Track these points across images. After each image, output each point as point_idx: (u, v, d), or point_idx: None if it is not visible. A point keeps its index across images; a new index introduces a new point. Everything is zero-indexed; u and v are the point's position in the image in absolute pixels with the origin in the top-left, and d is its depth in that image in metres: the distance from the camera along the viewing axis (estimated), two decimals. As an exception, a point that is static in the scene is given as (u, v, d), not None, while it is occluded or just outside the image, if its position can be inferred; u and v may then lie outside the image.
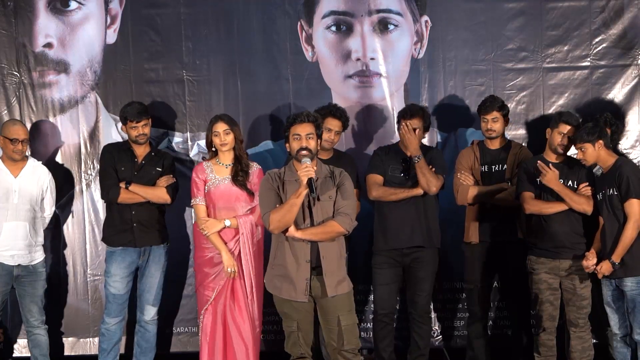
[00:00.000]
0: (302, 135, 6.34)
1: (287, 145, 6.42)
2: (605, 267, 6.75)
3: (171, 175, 7.44)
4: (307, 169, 6.20)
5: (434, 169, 7.28)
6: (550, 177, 6.91)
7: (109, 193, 7.38)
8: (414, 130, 7.27)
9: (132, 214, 7.38)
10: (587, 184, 6.94)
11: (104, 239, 7.54)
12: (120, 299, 7.44)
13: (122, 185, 7.31)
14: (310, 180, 6.19)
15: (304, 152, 6.30)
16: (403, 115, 7.38)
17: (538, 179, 7.00)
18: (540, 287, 7.06)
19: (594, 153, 6.80)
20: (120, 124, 7.65)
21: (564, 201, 6.93)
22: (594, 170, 7.06)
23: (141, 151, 7.44)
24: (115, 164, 7.39)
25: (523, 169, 7.13)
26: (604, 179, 6.84)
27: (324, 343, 6.97)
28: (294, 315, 6.39)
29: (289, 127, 6.37)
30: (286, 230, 6.28)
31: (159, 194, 7.36)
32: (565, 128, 7.01)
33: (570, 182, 6.98)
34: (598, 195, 6.86)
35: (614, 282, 6.81)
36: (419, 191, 7.25)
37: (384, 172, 7.36)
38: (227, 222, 7.05)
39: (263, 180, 6.44)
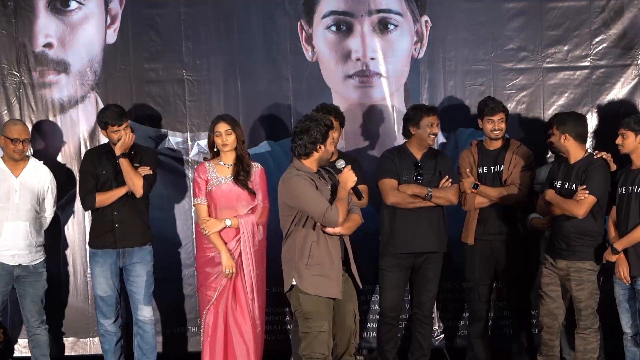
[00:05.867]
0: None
1: (321, 147, 6.36)
2: (606, 252, 6.78)
3: (148, 167, 7.37)
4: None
5: (450, 180, 7.30)
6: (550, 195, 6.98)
7: (85, 201, 7.40)
8: (437, 125, 7.37)
9: (114, 214, 7.37)
10: (584, 187, 6.91)
11: (89, 244, 7.53)
12: (108, 300, 7.44)
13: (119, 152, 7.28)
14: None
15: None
16: (427, 113, 7.34)
17: (554, 182, 7.04)
18: (542, 281, 7.08)
19: (634, 143, 6.80)
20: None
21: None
22: None
23: (120, 152, 7.38)
24: (96, 170, 7.38)
25: (548, 172, 7.20)
26: (633, 174, 6.81)
27: None
28: (327, 315, 6.37)
29: (328, 131, 6.39)
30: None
31: (136, 181, 7.29)
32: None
33: (574, 186, 6.96)
34: (621, 189, 6.82)
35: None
36: (439, 202, 7.30)
37: (397, 176, 7.34)
38: (228, 222, 7.05)
39: (302, 180, 6.30)
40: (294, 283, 6.33)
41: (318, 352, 6.35)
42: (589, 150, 7.14)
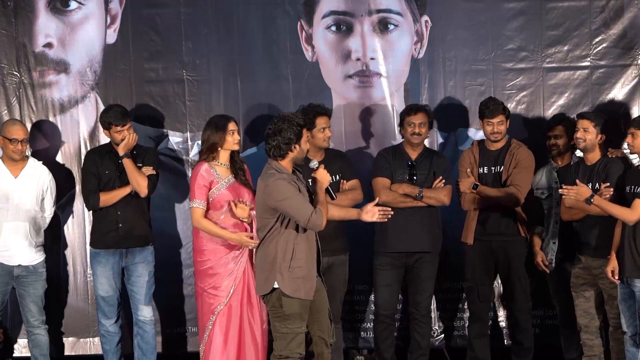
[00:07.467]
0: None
1: (295, 146, 6.31)
2: (584, 189, 6.73)
3: (151, 168, 7.40)
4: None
5: (443, 181, 7.31)
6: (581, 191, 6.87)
7: (89, 201, 7.40)
8: (420, 124, 7.34)
9: (118, 214, 7.38)
10: (608, 184, 6.87)
11: (91, 244, 7.52)
12: (110, 300, 7.45)
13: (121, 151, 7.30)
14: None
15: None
16: (408, 112, 7.39)
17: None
18: (574, 281, 7.09)
19: None
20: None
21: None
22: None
23: (124, 152, 7.39)
24: (98, 170, 7.39)
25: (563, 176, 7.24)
26: (637, 174, 6.79)
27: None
28: (305, 316, 6.40)
29: (301, 130, 6.35)
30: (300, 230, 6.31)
31: (141, 181, 7.31)
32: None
33: (597, 186, 6.93)
34: (627, 188, 6.79)
35: (625, 280, 6.78)
36: (430, 202, 7.32)
37: (391, 175, 7.36)
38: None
39: (286, 184, 6.23)
40: (276, 286, 6.30)
41: (296, 352, 6.37)
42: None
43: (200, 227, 7.04)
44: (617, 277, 6.75)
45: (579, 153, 7.34)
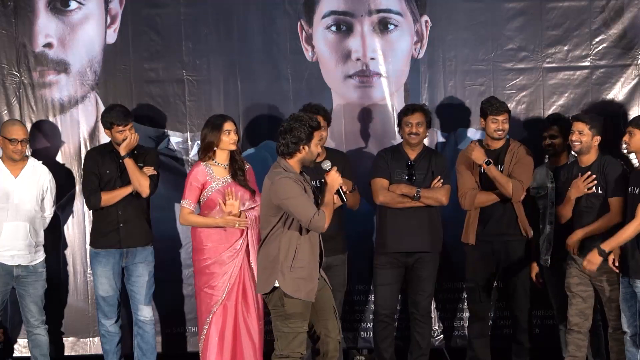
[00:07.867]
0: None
1: (304, 147, 6.28)
2: (592, 255, 6.69)
3: (152, 168, 7.41)
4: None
5: (441, 181, 7.31)
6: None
7: (90, 200, 7.40)
8: (418, 124, 7.33)
9: (119, 214, 7.38)
10: (589, 173, 6.88)
11: (91, 243, 7.53)
12: (110, 300, 7.45)
13: (123, 151, 7.28)
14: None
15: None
16: (405, 113, 7.40)
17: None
18: (570, 282, 7.04)
19: None
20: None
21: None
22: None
23: (125, 152, 7.40)
24: (99, 169, 7.39)
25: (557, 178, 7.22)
26: (636, 175, 6.77)
27: None
28: (307, 316, 6.39)
29: (312, 132, 6.31)
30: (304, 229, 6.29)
31: (142, 181, 7.32)
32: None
33: (595, 189, 6.93)
34: (630, 189, 6.74)
35: (627, 280, 6.76)
36: (428, 202, 7.32)
37: (389, 175, 7.37)
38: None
39: (291, 183, 6.22)
40: (277, 285, 6.29)
41: (297, 352, 6.36)
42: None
43: (187, 223, 7.13)
44: (616, 264, 6.73)
45: None
